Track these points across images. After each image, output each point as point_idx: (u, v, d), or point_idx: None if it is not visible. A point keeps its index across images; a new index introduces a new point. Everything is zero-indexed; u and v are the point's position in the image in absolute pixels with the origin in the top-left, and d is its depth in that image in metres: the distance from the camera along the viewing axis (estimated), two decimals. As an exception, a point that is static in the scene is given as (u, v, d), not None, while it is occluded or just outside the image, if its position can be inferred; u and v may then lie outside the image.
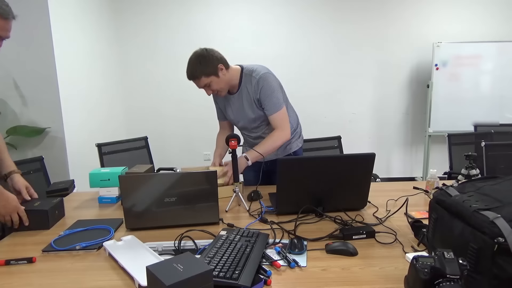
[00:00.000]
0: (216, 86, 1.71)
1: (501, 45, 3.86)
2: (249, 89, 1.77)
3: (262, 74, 1.74)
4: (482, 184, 1.02)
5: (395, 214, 1.45)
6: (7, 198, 1.33)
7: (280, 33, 4.06)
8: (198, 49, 1.70)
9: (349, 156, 1.43)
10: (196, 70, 1.66)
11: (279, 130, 1.77)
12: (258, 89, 1.74)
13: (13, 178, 1.48)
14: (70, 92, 2.93)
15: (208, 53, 1.68)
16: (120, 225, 1.40)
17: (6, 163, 1.52)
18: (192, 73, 1.68)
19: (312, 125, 4.10)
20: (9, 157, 1.55)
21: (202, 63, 1.66)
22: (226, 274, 0.94)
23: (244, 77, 1.78)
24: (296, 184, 1.40)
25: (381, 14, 4.07)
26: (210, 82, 1.69)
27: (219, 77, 1.69)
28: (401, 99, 4.28)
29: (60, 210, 1.49)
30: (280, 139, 1.77)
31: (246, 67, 1.80)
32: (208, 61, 1.66)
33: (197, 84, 1.72)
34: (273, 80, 1.77)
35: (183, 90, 4.07)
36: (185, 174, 1.35)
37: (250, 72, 1.77)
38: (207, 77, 1.67)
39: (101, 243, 1.23)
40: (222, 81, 1.71)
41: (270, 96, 1.74)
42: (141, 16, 3.96)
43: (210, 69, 1.66)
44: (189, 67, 1.68)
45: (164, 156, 3.82)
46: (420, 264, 0.81)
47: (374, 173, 2.04)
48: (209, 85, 1.70)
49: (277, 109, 1.76)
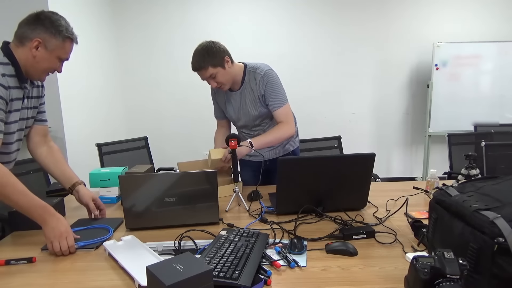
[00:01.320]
0: (221, 78, 1.71)
1: (501, 45, 3.86)
2: (253, 86, 1.78)
3: (266, 71, 1.76)
4: (482, 184, 1.02)
5: (395, 214, 1.45)
6: (58, 219, 1.18)
7: (280, 33, 4.06)
8: (203, 42, 1.70)
9: (349, 156, 1.43)
10: (203, 60, 1.65)
11: (285, 124, 1.78)
12: (263, 84, 1.75)
13: (79, 190, 1.43)
14: (70, 92, 2.93)
15: (215, 44, 1.69)
16: (120, 224, 1.41)
17: (68, 174, 1.46)
18: (199, 63, 1.66)
19: (312, 125, 4.10)
20: (70, 168, 1.49)
21: (209, 54, 1.66)
22: (226, 274, 0.94)
23: (247, 74, 1.79)
24: (296, 184, 1.40)
25: (381, 14, 4.07)
26: (216, 73, 1.68)
27: (225, 69, 1.70)
28: (401, 99, 4.28)
29: (61, 210, 1.48)
30: (287, 132, 1.79)
31: (249, 64, 1.81)
32: (215, 52, 1.67)
33: (203, 75, 1.70)
34: (277, 76, 1.79)
35: (183, 90, 4.07)
36: (185, 174, 1.35)
37: (254, 69, 1.78)
38: (214, 68, 1.67)
39: (99, 242, 1.23)
40: (227, 73, 1.72)
41: (275, 91, 1.76)
42: (141, 16, 3.96)
43: (217, 59, 1.67)
44: (196, 57, 1.67)
45: (164, 156, 3.82)
46: (420, 264, 0.81)
47: (374, 173, 2.04)
48: (215, 76, 1.69)
49: (282, 103, 1.78)
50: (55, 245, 1.14)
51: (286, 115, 1.79)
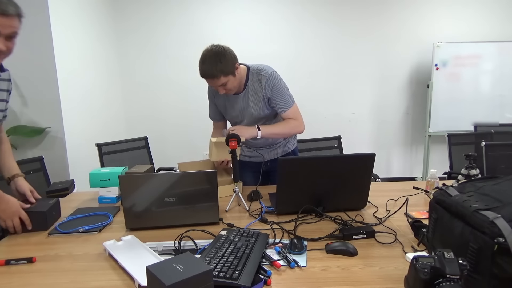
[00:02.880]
0: (231, 85, 1.67)
1: (501, 45, 3.86)
2: (257, 88, 1.76)
3: (271, 73, 1.75)
4: (482, 184, 1.02)
5: (395, 214, 1.45)
6: (7, 201, 1.30)
7: (280, 33, 4.06)
8: (213, 46, 1.62)
9: (349, 156, 1.43)
10: (216, 68, 1.58)
11: (295, 120, 1.80)
12: (270, 87, 1.74)
13: (17, 181, 1.47)
14: (70, 92, 2.93)
15: (226, 51, 1.62)
16: (117, 212, 1.53)
17: (10, 165, 1.50)
18: (212, 72, 1.59)
19: (312, 125, 4.07)
20: (13, 160, 1.53)
21: (222, 62, 1.58)
22: (226, 274, 0.94)
23: (250, 76, 1.77)
24: (296, 184, 1.40)
25: (381, 14, 4.06)
26: (227, 81, 1.64)
27: (235, 76, 1.67)
28: (401, 99, 4.28)
29: (57, 211, 1.49)
30: (296, 128, 1.81)
31: (252, 66, 1.79)
32: (228, 60, 1.60)
33: (213, 83, 1.65)
34: (281, 78, 1.79)
35: (184, 90, 4.07)
36: (185, 174, 1.35)
37: (257, 71, 1.76)
38: (225, 77, 1.62)
39: (101, 226, 1.37)
40: (236, 80, 1.69)
41: (282, 93, 1.76)
42: (141, 16, 3.96)
43: (229, 68, 1.61)
44: (208, 65, 1.59)
45: (164, 156, 3.81)
46: (420, 264, 0.81)
47: (374, 173, 2.04)
48: (225, 84, 1.64)
49: (290, 105, 1.78)
50: (8, 224, 1.30)
51: (294, 114, 1.80)
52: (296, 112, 1.81)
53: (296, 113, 1.81)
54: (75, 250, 1.20)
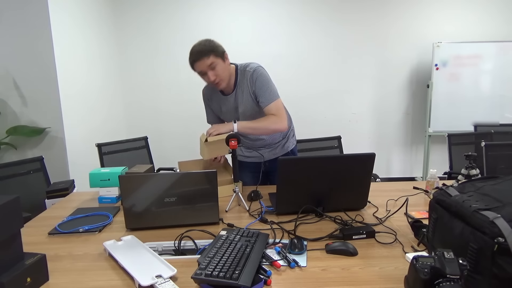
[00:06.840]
0: (220, 70, 1.68)
1: (501, 45, 3.86)
2: (245, 84, 1.77)
3: (256, 67, 1.76)
4: (482, 184, 1.02)
5: (395, 214, 1.45)
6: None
7: (280, 32, 4.06)
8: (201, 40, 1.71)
9: (349, 156, 1.43)
10: (206, 47, 1.65)
11: (276, 116, 1.74)
12: (253, 81, 1.74)
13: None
14: (70, 92, 2.93)
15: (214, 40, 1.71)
16: (117, 212, 1.53)
17: None
18: (202, 50, 1.64)
19: (312, 125, 4.10)
20: None
21: (211, 44, 1.67)
22: (226, 274, 0.94)
23: (239, 74, 1.79)
24: (296, 184, 1.40)
25: (381, 14, 4.06)
26: (217, 64, 1.66)
27: (224, 62, 1.70)
28: (401, 99, 4.28)
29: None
30: (276, 124, 1.73)
31: (240, 64, 1.81)
32: (217, 45, 1.69)
33: (203, 64, 1.65)
34: (267, 73, 1.78)
35: (183, 90, 4.07)
36: (185, 174, 1.35)
37: (244, 67, 1.78)
38: (215, 57, 1.66)
39: (101, 226, 1.37)
40: (226, 69, 1.71)
41: (265, 86, 1.74)
42: (141, 16, 3.96)
43: (219, 51, 1.68)
44: (197, 47, 1.66)
45: (164, 156, 3.81)
46: (420, 264, 0.81)
47: (374, 173, 2.04)
48: (214, 67, 1.66)
49: (273, 99, 1.74)
50: None
51: (277, 110, 1.74)
52: (280, 108, 1.76)
53: (279, 109, 1.75)
54: (75, 250, 1.20)
